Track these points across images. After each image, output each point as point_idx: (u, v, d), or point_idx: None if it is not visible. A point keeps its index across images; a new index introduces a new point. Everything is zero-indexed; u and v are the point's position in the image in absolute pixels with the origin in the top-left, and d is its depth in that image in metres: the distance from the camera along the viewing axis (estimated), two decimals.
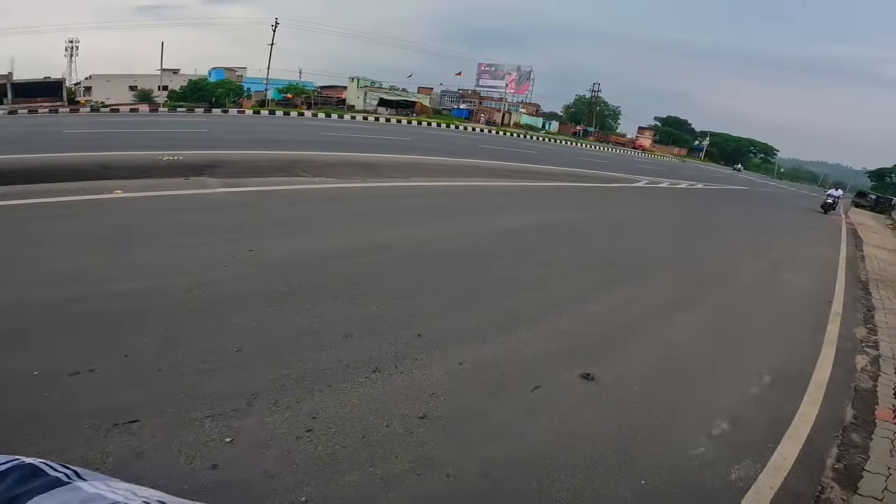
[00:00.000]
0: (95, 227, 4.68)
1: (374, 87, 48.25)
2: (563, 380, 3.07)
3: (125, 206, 5.47)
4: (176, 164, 8.10)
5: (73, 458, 1.93)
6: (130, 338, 2.82)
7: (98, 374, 2.49)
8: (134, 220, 4.96)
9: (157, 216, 5.15)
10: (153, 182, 6.75)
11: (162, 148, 9.76)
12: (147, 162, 8.10)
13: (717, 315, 4.81)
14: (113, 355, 2.65)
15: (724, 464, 2.55)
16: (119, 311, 3.10)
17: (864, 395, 3.71)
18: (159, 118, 22.20)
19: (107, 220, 4.90)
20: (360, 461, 2.16)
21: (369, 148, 14.21)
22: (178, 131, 14.75)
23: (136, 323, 2.98)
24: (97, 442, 2.06)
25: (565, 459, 2.36)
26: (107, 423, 2.16)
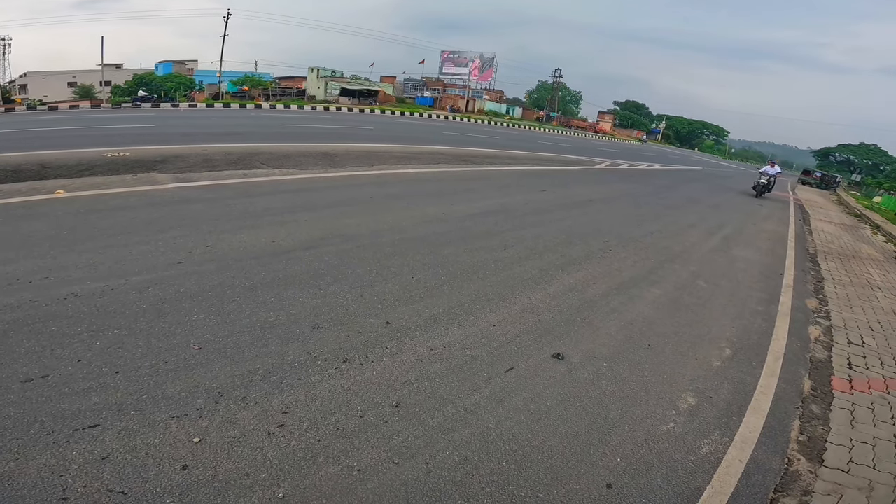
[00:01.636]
0: (39, 228, 4.35)
1: (335, 77, 47.09)
2: (533, 360, 3.11)
3: (69, 205, 5.11)
4: (122, 161, 7.64)
5: (34, 466, 1.90)
6: (85, 341, 2.69)
7: (52, 380, 2.38)
8: (80, 220, 4.64)
9: (106, 215, 4.85)
10: (98, 180, 6.35)
11: (106, 144, 9.19)
12: (90, 159, 7.60)
13: (676, 291, 4.99)
14: (67, 360, 2.53)
15: (694, 438, 2.64)
16: (71, 314, 2.94)
17: (819, 365, 3.89)
18: (102, 114, 20.92)
19: (50, 221, 4.56)
20: (336, 454, 2.13)
21: (330, 138, 13.88)
22: (124, 127, 13.95)
23: (89, 325, 2.83)
24: (59, 448, 2.01)
25: (541, 441, 2.40)
26: (66, 430, 2.10)
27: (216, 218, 5.02)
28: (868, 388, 3.59)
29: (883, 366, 4.02)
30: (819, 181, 37.99)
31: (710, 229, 8.66)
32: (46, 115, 21.14)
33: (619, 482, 2.23)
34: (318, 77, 46.28)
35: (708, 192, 15.63)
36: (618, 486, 2.21)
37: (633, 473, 2.30)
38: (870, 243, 11.32)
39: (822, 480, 2.52)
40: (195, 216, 5.01)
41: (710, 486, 2.32)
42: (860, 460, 2.71)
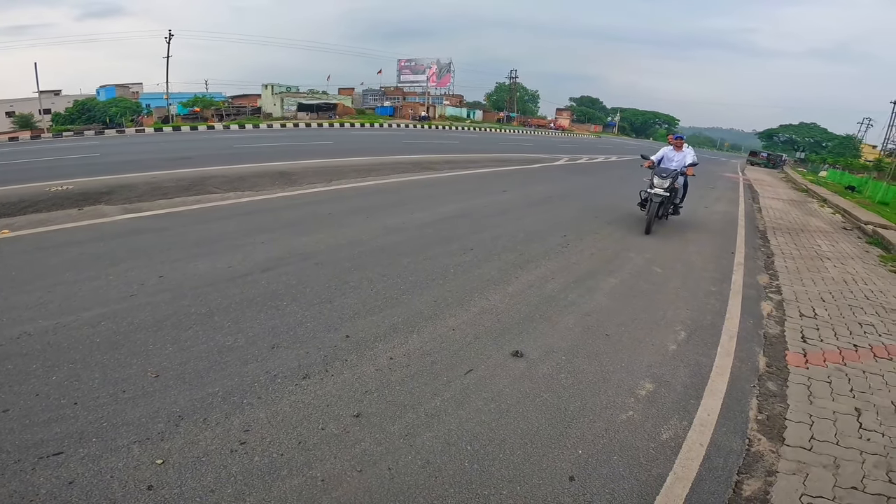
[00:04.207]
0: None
1: (290, 93, 46.49)
2: (493, 360, 3.19)
3: (15, 245, 4.92)
4: (66, 195, 7.38)
5: (7, 492, 1.96)
6: (41, 376, 2.67)
7: (13, 413, 2.38)
8: (27, 258, 4.48)
9: (53, 252, 4.70)
10: (42, 217, 6.13)
11: (48, 178, 8.84)
12: (32, 195, 7.30)
13: (632, 278, 5.19)
14: (24, 395, 2.52)
15: (653, 424, 2.68)
16: (25, 352, 2.90)
17: (773, 341, 3.95)
18: (43, 145, 20.00)
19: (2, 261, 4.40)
20: (299, 466, 2.17)
21: (288, 156, 13.73)
22: (66, 157, 13.39)
23: (44, 362, 2.80)
24: (27, 475, 2.05)
25: (502, 439, 2.46)
26: (31, 458, 2.13)
27: (169, 247, 4.93)
28: (823, 361, 3.59)
29: (837, 337, 4.07)
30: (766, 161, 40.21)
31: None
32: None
33: (581, 474, 2.29)
34: (273, 93, 45.65)
35: None
36: (580, 477, 2.27)
37: (595, 464, 2.36)
38: (818, 216, 12.01)
39: (785, 460, 2.51)
40: (147, 247, 4.91)
41: (673, 471, 2.35)
42: (822, 437, 2.69)
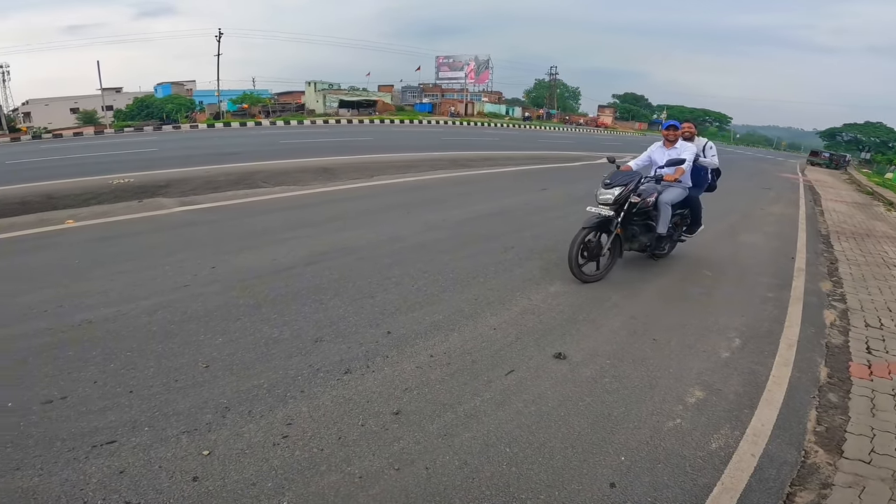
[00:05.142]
0: (51, 259, 4.51)
1: (332, 90, 47.54)
2: (534, 362, 3.13)
3: (79, 235, 5.28)
4: (127, 188, 7.84)
5: (57, 481, 2.01)
6: (99, 364, 2.80)
7: (71, 400, 2.50)
8: (90, 248, 4.80)
9: (115, 242, 5.00)
10: (105, 208, 6.53)
11: (111, 171, 9.43)
12: (96, 188, 7.80)
13: (680, 282, 4.97)
14: (83, 382, 2.65)
15: (702, 433, 2.57)
16: (86, 339, 3.07)
17: (836, 351, 3.72)
18: (106, 140, 21.34)
19: (62, 251, 4.72)
20: (338, 462, 2.18)
21: (330, 151, 14.04)
22: (127, 152, 14.24)
23: (103, 349, 2.95)
24: (79, 464, 2.11)
25: (542, 442, 2.41)
26: (85, 446, 2.20)
27: (220, 239, 5.13)
28: (888, 373, 3.41)
29: None
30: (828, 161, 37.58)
31: (714, 216, 8.57)
32: (51, 143, 21.65)
33: (622, 481, 2.21)
34: (316, 90, 46.78)
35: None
36: (621, 484, 2.19)
37: (638, 471, 2.28)
38: (884, 220, 11.11)
39: (842, 472, 2.39)
40: (199, 239, 5.13)
41: (721, 482, 2.26)
42: (882, 450, 2.56)
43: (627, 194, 4.47)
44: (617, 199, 4.40)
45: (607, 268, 4.68)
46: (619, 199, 4.42)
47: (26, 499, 1.93)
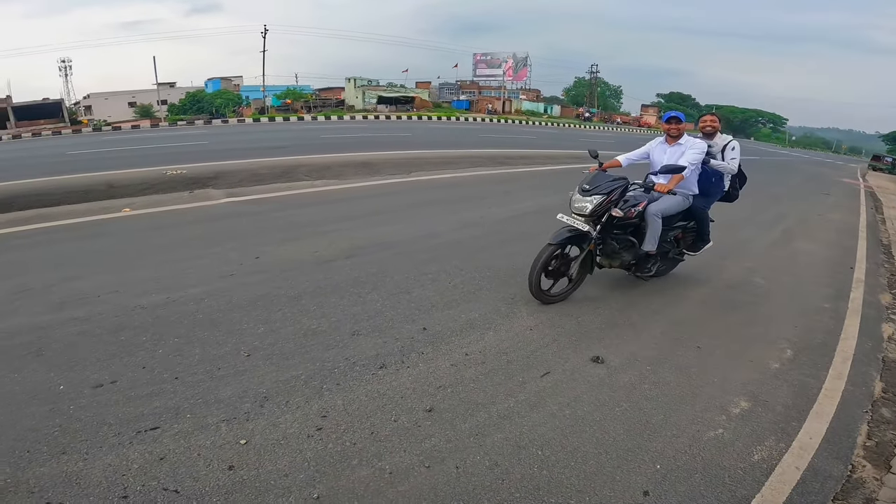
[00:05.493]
0: (108, 245, 4.80)
1: (371, 86, 48.22)
2: (571, 364, 3.07)
3: (135, 223, 5.59)
4: (180, 178, 8.23)
5: (100, 466, 2.07)
6: (148, 349, 2.93)
7: (120, 385, 2.61)
8: (145, 236, 5.07)
9: (167, 231, 5.26)
10: (159, 198, 6.88)
11: (165, 163, 9.92)
12: (152, 178, 8.24)
13: (728, 289, 4.75)
14: (133, 367, 2.77)
15: (745, 444, 2.49)
16: (137, 324, 3.22)
17: (893, 366, 3.54)
18: (161, 133, 22.49)
19: (120, 238, 5.02)
20: (369, 457, 2.20)
21: (369, 146, 14.24)
22: (180, 144, 14.95)
23: (153, 335, 3.09)
24: (122, 449, 2.17)
25: (575, 446, 2.36)
26: (130, 432, 2.27)
27: (263, 230, 5.30)
28: None
29: None
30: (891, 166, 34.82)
31: (767, 221, 8.17)
32: (110, 135, 23.01)
33: (657, 489, 2.15)
34: (356, 87, 47.59)
35: (764, 182, 14.70)
36: (655, 493, 2.13)
37: (674, 480, 2.21)
38: None
39: (888, 487, 2.32)
40: (245, 229, 5.32)
41: (760, 494, 2.19)
42: None
43: (608, 206, 3.66)
44: (594, 210, 3.60)
45: (574, 286, 3.96)
46: (596, 212, 3.62)
47: (68, 484, 1.99)
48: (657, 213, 3.93)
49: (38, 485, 1.99)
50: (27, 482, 1.99)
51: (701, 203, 4.34)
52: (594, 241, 3.77)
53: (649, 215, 3.91)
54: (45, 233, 5.22)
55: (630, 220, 3.87)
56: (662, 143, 4.21)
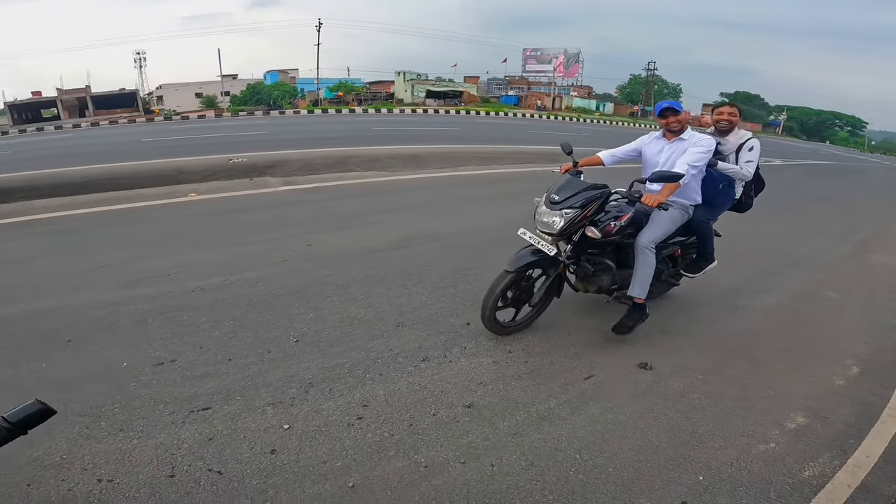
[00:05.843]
0: (175, 228, 5.15)
1: (420, 80, 48.62)
2: (617, 369, 2.98)
3: (200, 207, 5.96)
4: (241, 166, 8.68)
5: (152, 444, 2.16)
6: (206, 330, 3.08)
7: (178, 364, 2.74)
8: (208, 220, 5.40)
9: (228, 216, 5.57)
10: (222, 184, 7.29)
11: (228, 151, 10.48)
12: (216, 165, 8.73)
13: (794, 301, 4.43)
14: (191, 346, 2.91)
15: (797, 460, 2.35)
16: (197, 305, 3.40)
17: None
18: (224, 123, 23.72)
19: (186, 221, 5.38)
20: (406, 449, 2.21)
21: (418, 140, 14.37)
22: (242, 134, 15.70)
23: (210, 316, 3.25)
24: (175, 428, 2.25)
25: (614, 451, 2.30)
26: (184, 411, 2.36)
27: (316, 219, 5.50)
28: None
29: None
30: None
31: (843, 231, 7.53)
32: (179, 124, 24.57)
33: (696, 500, 2.07)
34: (405, 80, 48.14)
35: (839, 189, 13.56)
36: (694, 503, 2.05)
37: (715, 492, 2.11)
38: None
39: None
40: (299, 217, 5.54)
41: None
42: None
43: (582, 224, 2.90)
44: (564, 230, 2.86)
45: (538, 312, 3.29)
46: (566, 231, 2.88)
47: (121, 461, 2.06)
48: (650, 244, 3.07)
49: (93, 461, 2.06)
50: (82, 459, 2.07)
51: (704, 215, 3.49)
52: (564, 264, 3.09)
53: (640, 248, 3.06)
54: (119, 214, 5.66)
55: (610, 238, 3.02)
56: (659, 138, 3.32)
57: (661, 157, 3.23)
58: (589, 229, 2.90)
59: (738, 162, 3.46)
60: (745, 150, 3.46)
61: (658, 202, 2.88)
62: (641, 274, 3.08)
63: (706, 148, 3.09)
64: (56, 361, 2.77)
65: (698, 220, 3.46)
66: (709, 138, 3.19)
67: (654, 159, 3.28)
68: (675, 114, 3.19)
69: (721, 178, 3.43)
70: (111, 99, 44.89)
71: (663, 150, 3.25)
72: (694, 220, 3.43)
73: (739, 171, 3.44)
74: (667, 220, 3.18)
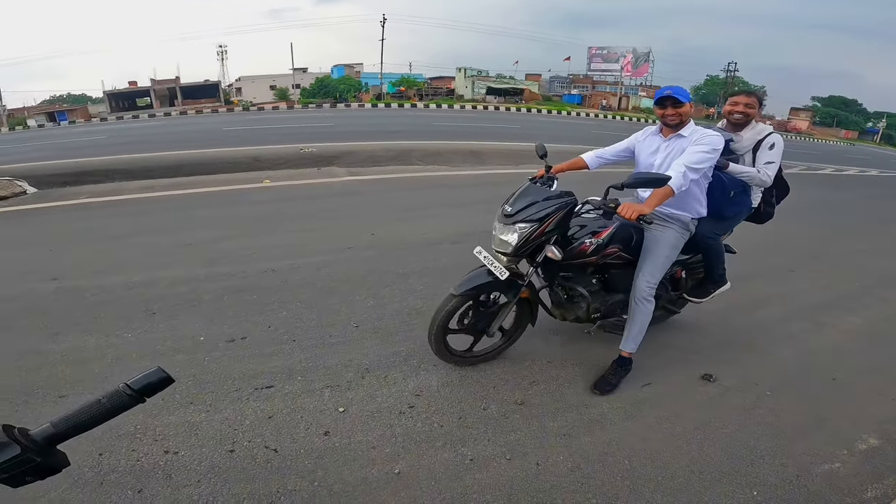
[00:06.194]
0: (252, 212, 5.55)
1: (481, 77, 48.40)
2: (677, 378, 2.86)
3: (273, 194, 6.36)
4: (311, 156, 9.15)
5: (218, 419, 2.27)
6: (274, 311, 3.26)
7: (249, 342, 2.91)
8: (280, 206, 5.76)
9: (297, 202, 5.92)
10: (293, 172, 7.74)
11: (299, 141, 11.06)
12: (288, 154, 9.27)
13: (884, 322, 4.01)
14: (260, 326, 3.09)
15: (861, 481, 2.20)
16: (268, 286, 3.63)
17: None
18: (295, 114, 24.93)
19: (260, 206, 5.76)
20: (454, 441, 2.22)
21: (478, 136, 14.38)
22: (311, 125, 16.45)
23: (279, 297, 3.45)
24: (240, 404, 2.36)
25: (665, 461, 2.21)
26: (249, 388, 2.48)
27: (379, 209, 5.70)
28: None
29: None
30: None
31: None
32: (255, 115, 26.11)
33: None
34: (466, 77, 48.12)
35: None
36: None
37: None
38: None
39: None
40: (363, 206, 5.77)
41: None
42: None
43: (539, 242, 2.39)
44: (520, 249, 2.37)
45: (509, 340, 2.89)
46: (523, 250, 2.39)
47: (188, 434, 2.17)
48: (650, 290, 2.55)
49: (163, 433, 2.17)
50: (154, 429, 2.19)
51: (711, 229, 2.84)
52: (527, 287, 2.60)
53: (638, 297, 2.55)
54: (203, 197, 6.17)
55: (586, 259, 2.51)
56: (655, 134, 2.70)
57: (655, 158, 2.62)
58: (549, 249, 2.41)
59: (755, 163, 2.82)
60: (765, 148, 2.77)
61: (639, 214, 2.24)
62: (637, 326, 2.62)
63: (710, 147, 2.42)
64: (142, 331, 3.05)
65: (704, 235, 2.81)
66: (714, 135, 2.48)
67: (648, 160, 2.66)
68: (677, 105, 2.49)
69: (733, 183, 2.77)
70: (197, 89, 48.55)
71: (659, 150, 2.62)
72: (699, 236, 2.80)
73: (756, 174, 2.75)
74: (665, 247, 2.61)
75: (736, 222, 3.02)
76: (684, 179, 2.34)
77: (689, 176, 2.35)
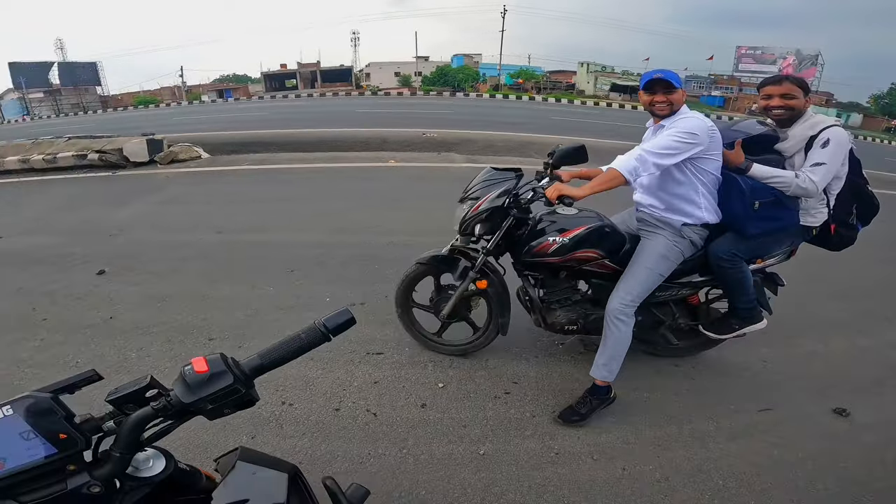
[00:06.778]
0: (376, 188, 6.08)
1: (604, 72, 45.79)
2: (804, 409, 2.56)
3: (397, 172, 6.89)
4: (432, 140, 9.62)
5: (331, 378, 2.43)
6: (391, 281, 3.41)
7: (367, 308, 3.17)
8: (402, 184, 6.27)
9: (418, 182, 6.36)
10: (416, 154, 8.25)
11: (421, 126, 11.66)
12: (412, 138, 9.85)
13: None
14: (378, 294, 3.35)
15: None
16: (388, 257, 3.94)
17: None
18: (416, 100, 26.12)
19: (386, 183, 6.31)
20: (543, 433, 2.22)
21: (600, 134, 13.74)
22: (431, 112, 17.15)
23: (396, 269, 3.62)
24: (352, 367, 2.52)
25: (764, 487, 2.03)
26: (362, 352, 2.63)
27: None
28: None
29: None
30: None
31: None
32: (383, 99, 27.90)
33: None
34: (588, 72, 45.82)
35: None
36: None
37: None
38: None
39: None
40: None
41: None
42: None
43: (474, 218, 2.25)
44: (461, 225, 2.31)
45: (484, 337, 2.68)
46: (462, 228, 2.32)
47: (304, 388, 2.33)
48: (623, 308, 2.16)
49: (284, 385, 2.33)
50: (276, 381, 2.34)
51: (728, 248, 2.25)
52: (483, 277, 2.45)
53: (610, 314, 2.18)
54: (338, 171, 6.89)
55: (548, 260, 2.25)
56: (651, 125, 2.35)
57: None
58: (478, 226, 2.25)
59: (799, 166, 2.19)
60: (817, 146, 2.12)
61: (560, 194, 1.94)
62: (609, 350, 2.21)
63: (685, 131, 1.98)
64: (281, 287, 3.50)
65: (716, 255, 2.26)
66: (695, 118, 2.05)
67: None
68: (669, 90, 2.08)
69: (758, 191, 2.14)
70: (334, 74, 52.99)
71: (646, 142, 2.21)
72: (710, 255, 2.29)
73: (794, 180, 2.10)
74: (649, 256, 2.18)
75: (771, 244, 2.34)
76: (639, 164, 1.96)
77: (648, 161, 1.96)
